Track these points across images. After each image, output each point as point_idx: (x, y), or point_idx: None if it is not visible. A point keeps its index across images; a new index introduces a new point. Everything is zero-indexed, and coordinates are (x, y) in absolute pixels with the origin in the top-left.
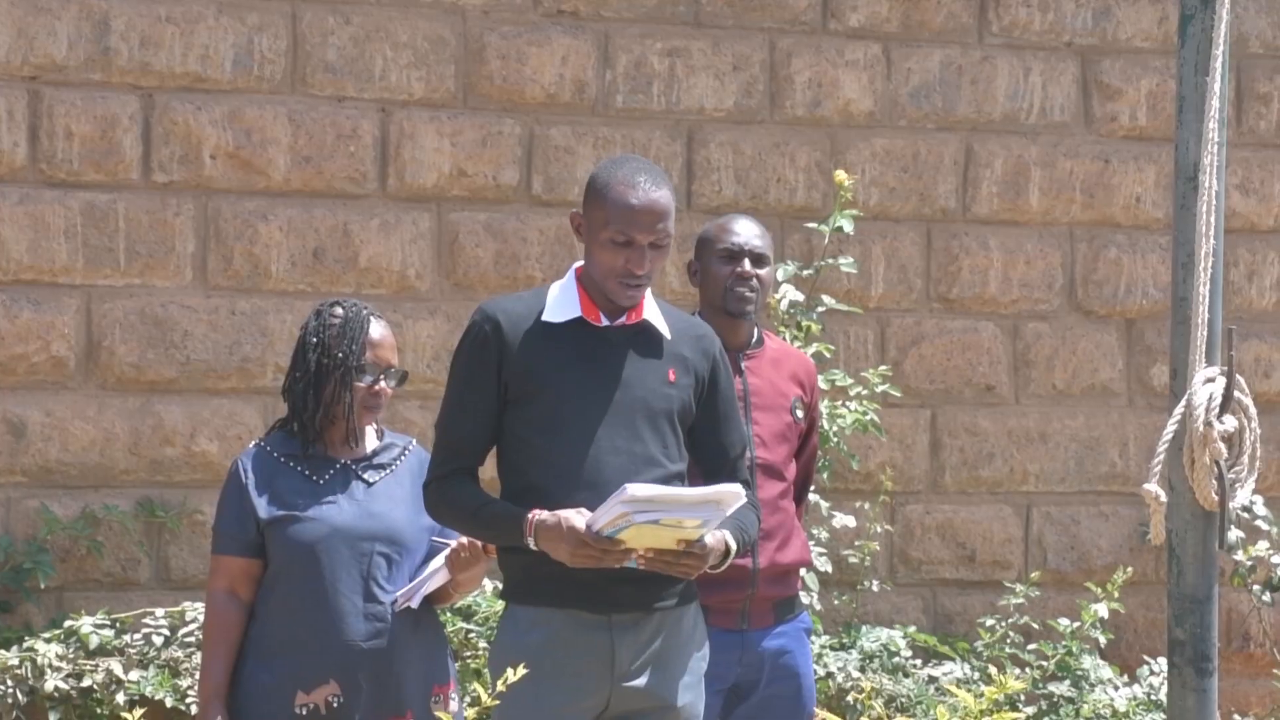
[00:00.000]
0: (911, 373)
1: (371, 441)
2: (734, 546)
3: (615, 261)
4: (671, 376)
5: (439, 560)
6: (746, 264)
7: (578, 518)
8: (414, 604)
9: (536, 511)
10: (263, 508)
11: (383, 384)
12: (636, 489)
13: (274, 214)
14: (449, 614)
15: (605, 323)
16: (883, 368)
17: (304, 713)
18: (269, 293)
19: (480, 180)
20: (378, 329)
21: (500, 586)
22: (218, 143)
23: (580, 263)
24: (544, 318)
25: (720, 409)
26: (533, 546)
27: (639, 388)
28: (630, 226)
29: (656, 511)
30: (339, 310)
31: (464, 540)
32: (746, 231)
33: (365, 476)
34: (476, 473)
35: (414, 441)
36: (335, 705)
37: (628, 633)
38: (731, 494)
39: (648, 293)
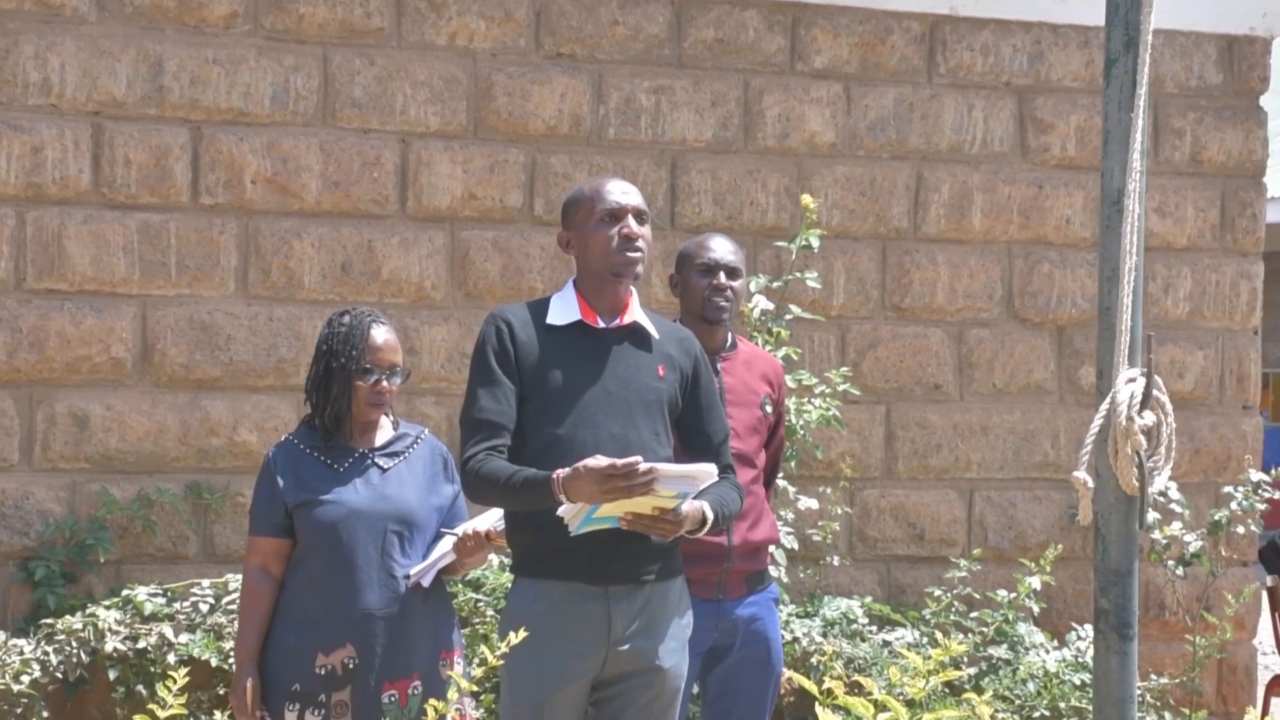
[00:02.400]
0: (869, 373)
1: (386, 432)
2: (710, 515)
3: (610, 236)
4: (661, 372)
5: (447, 544)
6: (722, 277)
7: (594, 460)
8: (425, 582)
9: (559, 471)
10: (290, 493)
11: (385, 383)
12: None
13: (307, 232)
14: (460, 585)
15: (602, 325)
16: (843, 369)
17: (323, 672)
18: (302, 301)
19: (489, 202)
20: (379, 333)
21: (506, 561)
22: (258, 169)
23: (574, 277)
24: (548, 320)
25: (703, 401)
26: (565, 501)
27: (633, 381)
28: (613, 200)
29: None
30: (346, 318)
31: (469, 530)
32: (722, 248)
33: (380, 463)
34: (504, 452)
35: (425, 430)
36: (351, 666)
37: (621, 602)
38: (704, 472)
39: (635, 300)
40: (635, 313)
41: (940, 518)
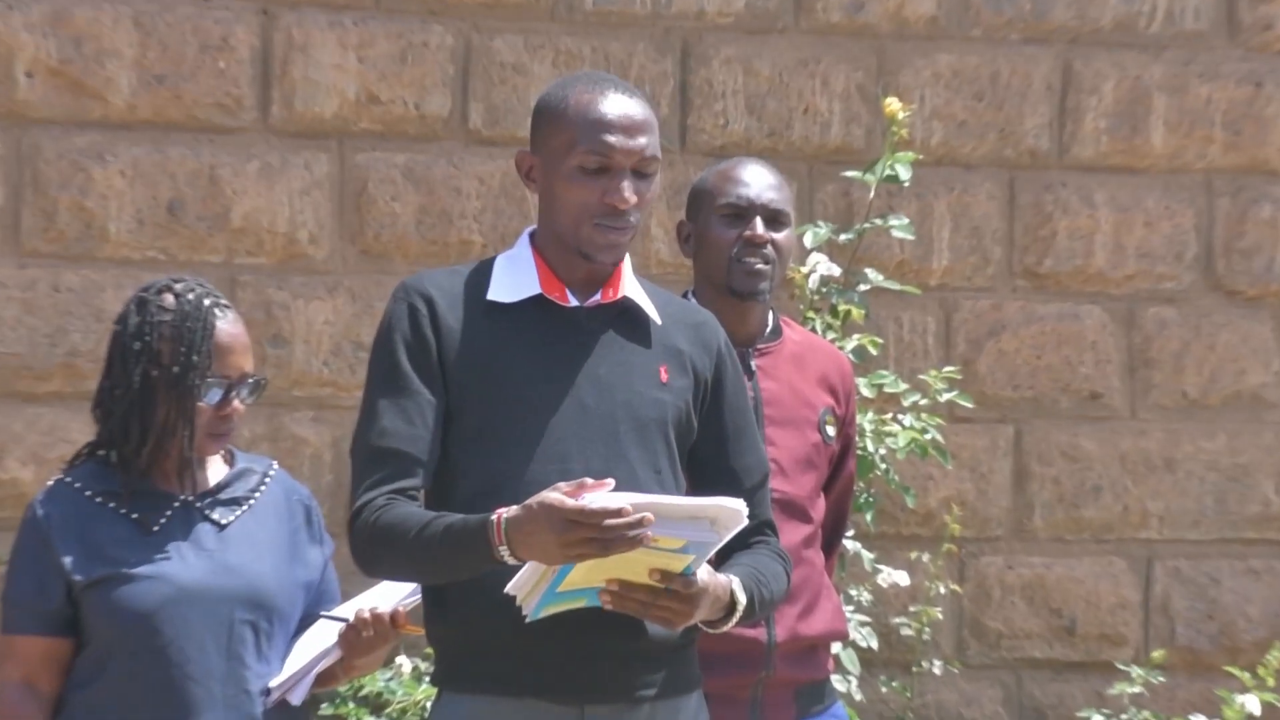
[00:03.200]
0: (988, 375)
1: (218, 468)
2: (742, 599)
3: (589, 196)
4: (664, 375)
5: (329, 637)
6: (759, 225)
7: (553, 493)
8: (295, 699)
9: (500, 510)
10: (76, 566)
11: (235, 402)
12: (598, 494)
13: (113, 153)
14: (349, 703)
15: (574, 302)
16: (948, 369)
17: None
18: (106, 262)
19: (397, 109)
20: (227, 325)
21: (424, 665)
22: (35, 55)
23: (534, 226)
24: (490, 296)
25: (729, 422)
26: (508, 558)
27: (621, 389)
28: (605, 142)
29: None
30: (169, 299)
31: (365, 614)
32: (759, 181)
33: (214, 516)
34: (417, 496)
35: (274, 465)
36: None
37: None
38: (730, 511)
39: (626, 265)
40: (627, 284)
41: (1101, 601)
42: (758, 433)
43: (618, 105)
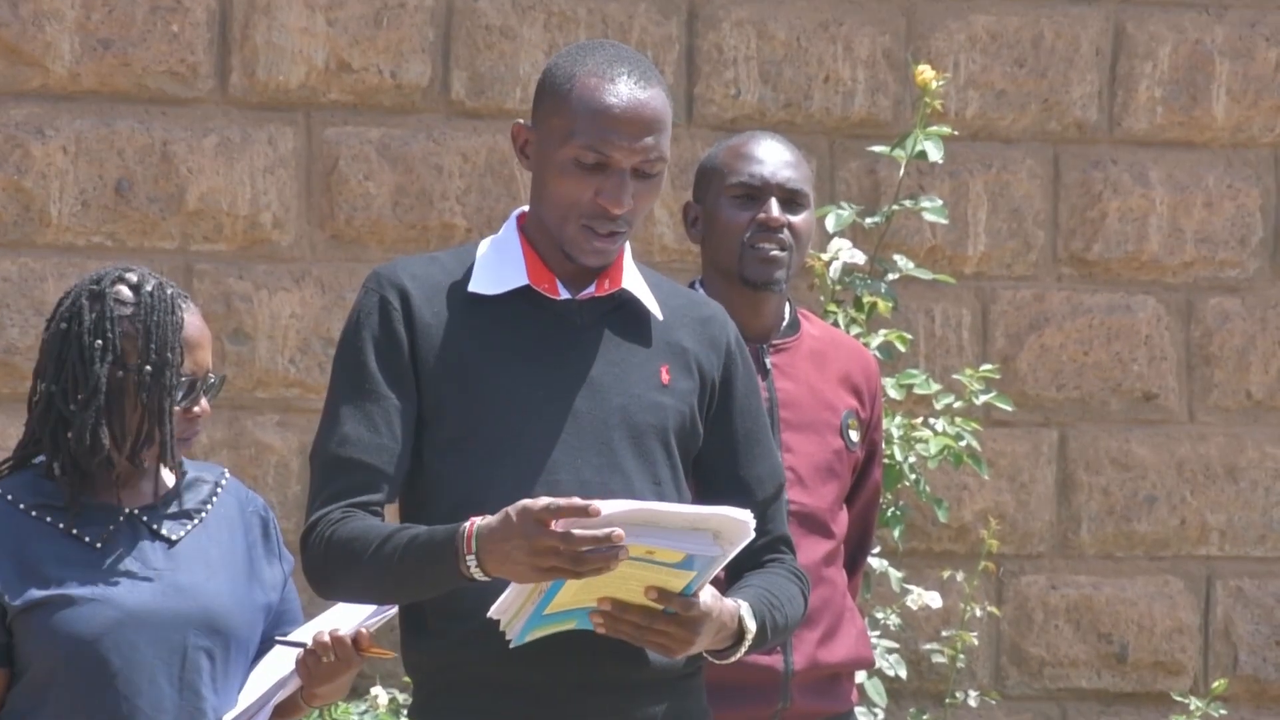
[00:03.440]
0: (1029, 374)
1: (166, 479)
2: (752, 626)
3: (581, 193)
4: (665, 377)
5: (286, 663)
6: (774, 207)
7: (534, 500)
8: None
9: (474, 520)
10: (8, 589)
11: (204, 402)
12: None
13: (55, 127)
14: None
15: (565, 295)
16: (985, 367)
17: None
18: (46, 248)
19: (371, 77)
20: (193, 318)
21: (401, 698)
22: None
23: (524, 208)
24: (471, 288)
25: (740, 427)
26: (475, 572)
27: (617, 392)
28: (605, 138)
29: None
30: (125, 290)
31: (325, 637)
32: (774, 158)
33: (163, 531)
34: (379, 512)
35: (226, 473)
36: None
37: None
38: (735, 523)
39: (626, 252)
40: (627, 275)
41: (1155, 625)
42: (772, 439)
43: (627, 97)
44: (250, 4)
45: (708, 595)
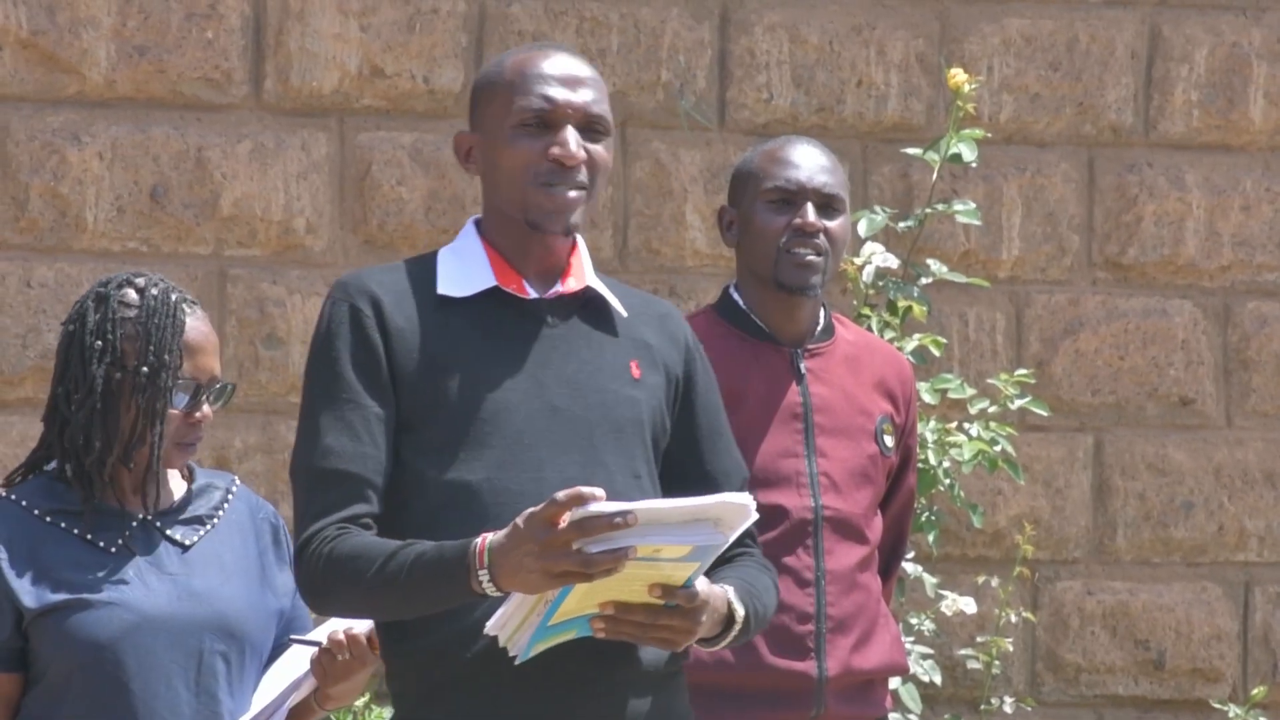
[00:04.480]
0: (1064, 379)
1: (177, 484)
2: (740, 610)
3: (532, 154)
4: (636, 371)
5: (301, 663)
6: (810, 212)
7: (532, 508)
8: None
9: (486, 535)
10: (26, 593)
11: (205, 407)
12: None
13: (90, 133)
14: None
15: (533, 294)
16: (1020, 371)
17: None
18: (82, 254)
19: (404, 83)
20: (197, 323)
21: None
22: (4, 25)
23: (478, 216)
24: (441, 291)
25: (703, 422)
26: (487, 587)
27: (594, 388)
28: (544, 91)
29: (621, 536)
30: (131, 294)
31: (340, 635)
32: (810, 162)
33: (177, 537)
34: (372, 525)
35: (236, 480)
36: None
37: None
38: (735, 507)
39: (583, 253)
40: (586, 274)
41: (1194, 632)
42: (729, 436)
43: (559, 63)
44: (284, 10)
45: (702, 583)
